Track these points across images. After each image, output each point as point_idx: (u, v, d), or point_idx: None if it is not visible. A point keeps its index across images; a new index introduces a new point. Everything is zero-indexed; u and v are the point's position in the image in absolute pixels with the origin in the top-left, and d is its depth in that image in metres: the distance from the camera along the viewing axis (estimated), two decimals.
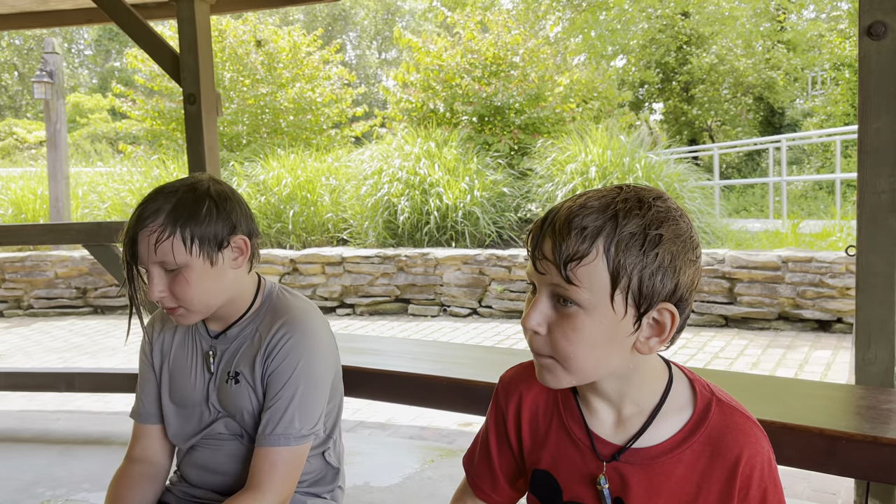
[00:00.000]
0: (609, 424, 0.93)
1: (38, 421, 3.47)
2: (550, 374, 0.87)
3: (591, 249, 0.80)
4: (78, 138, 17.54)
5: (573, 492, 0.95)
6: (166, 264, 1.25)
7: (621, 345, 0.85)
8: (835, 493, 2.43)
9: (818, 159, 13.84)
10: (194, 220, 1.25)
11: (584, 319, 0.82)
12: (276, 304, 1.36)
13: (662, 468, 0.89)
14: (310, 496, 1.42)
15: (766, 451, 0.89)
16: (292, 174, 8.24)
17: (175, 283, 1.26)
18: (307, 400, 1.29)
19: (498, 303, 6.25)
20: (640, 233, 0.81)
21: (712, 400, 0.91)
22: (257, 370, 1.31)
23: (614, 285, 0.81)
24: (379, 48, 30.80)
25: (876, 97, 2.01)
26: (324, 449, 1.42)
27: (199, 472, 1.39)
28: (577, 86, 10.14)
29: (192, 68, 2.97)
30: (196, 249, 1.25)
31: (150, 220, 1.24)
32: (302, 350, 1.29)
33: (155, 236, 1.23)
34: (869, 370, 2.04)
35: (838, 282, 5.17)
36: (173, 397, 1.39)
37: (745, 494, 0.87)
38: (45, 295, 7.22)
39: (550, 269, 0.82)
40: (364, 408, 3.74)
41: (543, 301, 0.85)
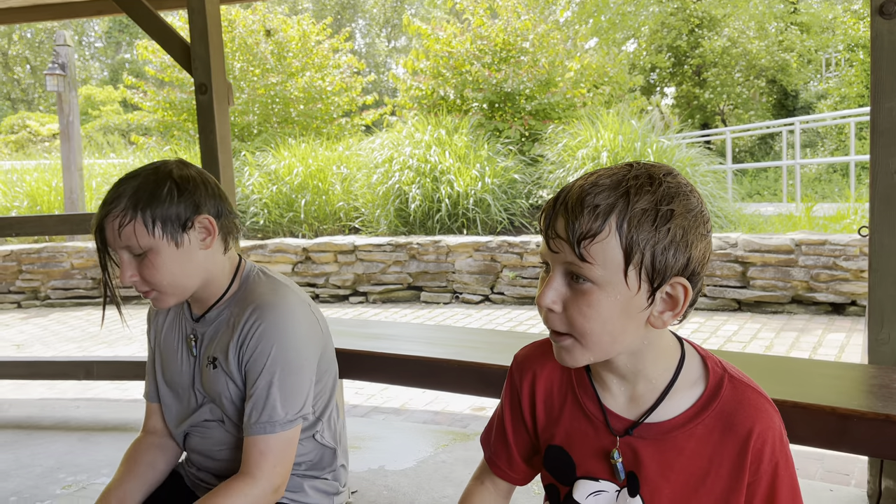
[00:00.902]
0: (622, 400, 0.95)
1: (58, 408, 3.53)
2: (568, 353, 0.89)
3: (604, 227, 0.81)
4: (90, 130, 17.65)
5: (586, 467, 0.97)
6: (132, 248, 1.26)
7: (636, 320, 0.86)
8: (848, 474, 2.44)
9: (832, 142, 13.70)
10: (155, 202, 1.25)
11: (598, 295, 0.84)
12: (249, 288, 1.35)
13: (674, 443, 0.91)
14: (307, 478, 1.43)
15: (777, 426, 0.90)
16: (303, 163, 8.27)
17: (144, 266, 1.26)
18: (287, 385, 1.28)
19: (510, 289, 6.26)
20: (652, 209, 0.82)
21: (724, 376, 0.92)
22: (231, 358, 1.31)
23: (627, 261, 0.82)
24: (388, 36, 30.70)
25: (888, 76, 2.00)
26: (314, 431, 1.41)
27: (198, 457, 1.43)
28: (588, 71, 10.08)
29: (202, 58, 2.99)
30: (159, 231, 1.25)
31: (113, 206, 1.25)
32: (274, 335, 1.28)
33: (118, 221, 1.24)
34: (882, 350, 2.05)
35: (852, 264, 5.13)
36: (166, 379, 1.43)
37: (757, 469, 0.88)
38: (61, 285, 7.30)
39: (564, 247, 0.84)
40: (378, 393, 3.78)
41: (558, 279, 0.86)
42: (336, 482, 1.47)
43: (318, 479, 1.44)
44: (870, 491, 2.15)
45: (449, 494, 2.38)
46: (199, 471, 1.45)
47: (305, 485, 1.42)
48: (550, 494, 1.03)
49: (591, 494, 0.96)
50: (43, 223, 3.87)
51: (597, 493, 0.96)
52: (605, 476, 0.95)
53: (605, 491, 0.95)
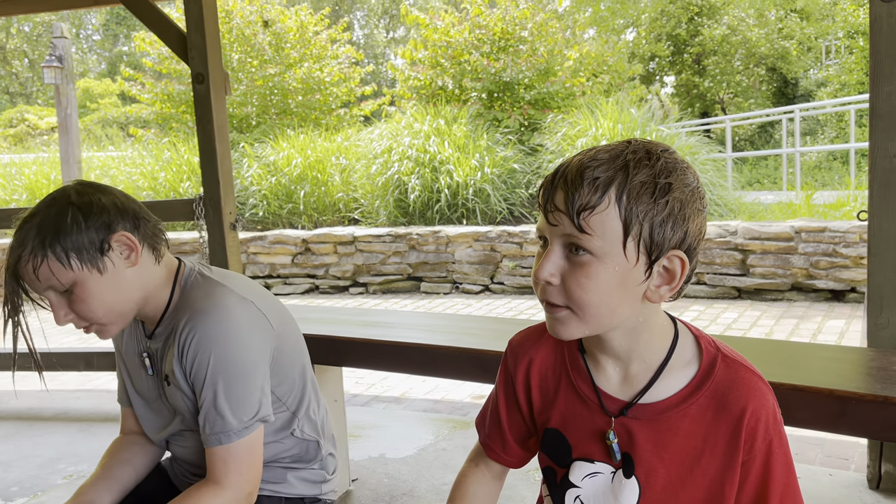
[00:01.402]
0: (616, 381, 0.95)
1: (58, 399, 3.54)
2: (563, 325, 0.88)
3: (604, 199, 0.82)
4: (89, 123, 17.61)
5: (582, 449, 0.97)
6: (56, 287, 1.19)
7: (633, 293, 0.86)
8: (847, 459, 2.44)
9: (832, 129, 13.67)
10: (62, 234, 1.17)
11: (597, 267, 0.83)
12: (186, 296, 1.28)
13: (668, 423, 0.91)
14: (291, 470, 1.40)
15: (771, 404, 0.90)
16: (302, 154, 8.25)
17: (73, 303, 1.20)
18: (234, 392, 1.21)
19: (510, 279, 6.26)
20: (651, 182, 0.82)
21: (718, 355, 0.92)
22: (177, 372, 1.25)
23: (626, 233, 0.82)
24: (387, 27, 30.58)
25: (887, 60, 1.99)
26: (291, 428, 1.36)
27: (182, 461, 1.41)
28: (587, 60, 10.04)
29: (199, 47, 2.97)
30: (76, 263, 1.17)
31: (21, 250, 1.17)
32: (210, 343, 1.20)
33: (30, 265, 1.17)
34: (881, 335, 2.05)
35: (852, 251, 5.13)
36: (136, 387, 1.39)
37: (751, 447, 0.88)
38: None
39: (563, 219, 0.84)
40: (379, 382, 3.78)
41: (556, 251, 0.85)
42: (323, 471, 1.44)
43: (303, 469, 1.41)
44: (869, 475, 2.15)
45: (449, 481, 2.38)
46: (187, 471, 1.42)
47: (289, 475, 1.39)
48: (547, 477, 1.03)
49: (586, 476, 0.96)
50: None
51: (592, 475, 0.96)
52: (600, 457, 0.95)
53: (601, 472, 0.95)
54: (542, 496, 1.06)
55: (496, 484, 1.12)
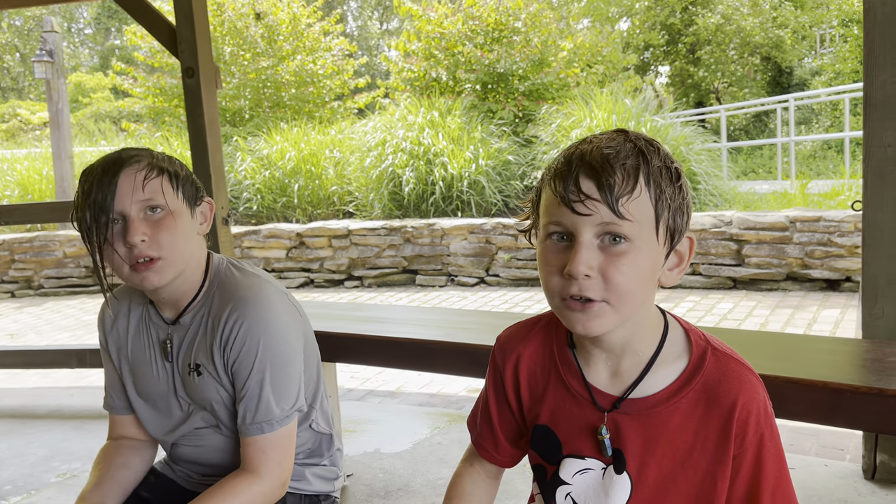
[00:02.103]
0: (606, 376, 0.94)
1: (51, 397, 3.52)
2: (600, 319, 0.85)
3: (637, 185, 0.82)
4: (81, 118, 17.51)
5: (573, 445, 0.96)
6: (153, 202, 1.19)
7: (655, 278, 0.87)
8: (843, 449, 2.44)
9: (827, 118, 13.67)
10: (175, 167, 1.24)
11: (636, 255, 0.83)
12: (223, 285, 1.28)
13: (659, 417, 0.90)
14: (308, 466, 1.41)
15: (761, 397, 0.89)
16: (296, 148, 8.21)
17: (159, 227, 1.19)
18: (279, 381, 1.23)
19: (505, 271, 6.25)
20: (664, 167, 0.84)
21: (707, 348, 0.91)
22: (217, 361, 1.24)
23: (657, 218, 0.84)
24: (380, 18, 30.44)
25: (881, 49, 1.98)
26: (309, 421, 1.38)
27: (189, 465, 1.38)
28: (581, 50, 10.00)
29: (189, 41, 2.95)
30: (181, 195, 1.23)
31: (135, 161, 1.19)
32: (259, 331, 1.22)
33: (142, 174, 1.18)
34: (876, 325, 2.04)
35: (847, 240, 5.13)
36: (139, 391, 1.35)
37: (742, 441, 0.88)
38: (54, 274, 7.27)
39: (598, 208, 0.82)
40: (373, 377, 3.77)
41: (588, 241, 0.83)
42: (335, 467, 1.46)
43: (317, 465, 1.42)
44: (864, 465, 2.15)
45: (444, 476, 2.38)
46: (196, 472, 1.40)
47: (307, 472, 1.40)
48: (538, 475, 1.02)
49: (577, 473, 0.96)
50: (32, 211, 3.84)
51: (583, 472, 0.95)
52: (591, 454, 0.95)
53: (592, 469, 0.95)
54: (534, 494, 1.06)
55: (492, 483, 1.11)
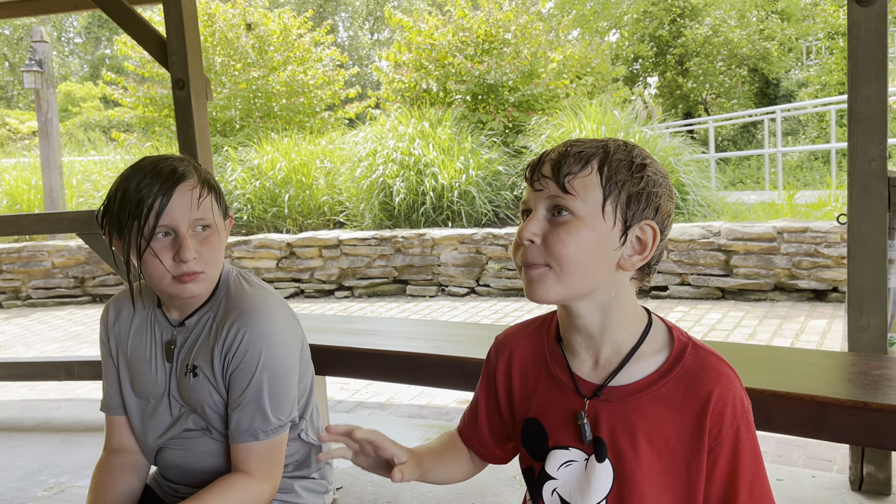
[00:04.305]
0: (589, 365, 0.98)
1: (39, 410, 3.49)
2: (541, 283, 0.91)
3: (587, 167, 0.91)
4: (71, 127, 17.44)
5: (557, 435, 0.99)
6: (204, 220, 1.22)
7: (608, 258, 0.91)
8: (830, 460, 2.46)
9: (813, 129, 13.79)
10: (215, 184, 1.27)
11: (577, 225, 0.90)
12: (231, 294, 1.30)
13: (638, 405, 0.93)
14: (297, 479, 1.41)
15: (738, 390, 0.92)
16: (287, 158, 8.21)
17: (205, 244, 1.22)
18: (276, 391, 1.26)
19: (496, 281, 6.26)
20: (628, 160, 0.92)
21: (689, 344, 0.96)
22: (216, 366, 1.26)
23: (605, 198, 0.90)
24: (371, 29, 30.53)
25: (865, 64, 2.01)
26: (299, 430, 1.39)
27: (176, 471, 1.36)
28: (571, 61, 10.07)
29: (179, 53, 2.95)
30: (222, 211, 1.26)
31: (189, 175, 1.20)
32: (261, 342, 1.24)
33: (198, 191, 1.20)
34: (862, 337, 2.06)
35: (833, 251, 5.18)
36: (136, 389, 1.34)
37: (718, 432, 0.90)
38: (42, 285, 7.22)
39: (548, 184, 0.91)
40: (363, 388, 3.77)
41: (540, 213, 0.92)
42: (324, 480, 1.46)
43: (306, 478, 1.42)
44: (852, 476, 2.17)
45: (434, 489, 2.37)
46: (178, 484, 1.38)
47: (296, 485, 1.40)
48: (527, 477, 1.04)
49: (562, 465, 0.98)
50: (21, 222, 3.81)
51: (567, 464, 0.98)
52: (573, 443, 0.97)
53: (575, 460, 0.97)
54: (526, 501, 1.07)
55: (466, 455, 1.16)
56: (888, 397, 1.36)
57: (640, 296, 5.81)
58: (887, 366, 1.57)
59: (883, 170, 2.03)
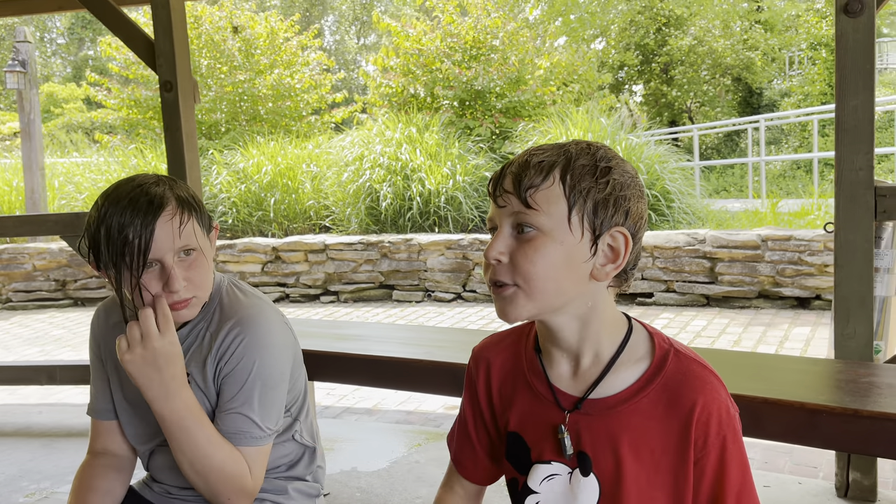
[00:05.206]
0: (567, 377, 0.95)
1: (19, 414, 3.44)
2: (511, 303, 0.89)
3: (549, 178, 0.87)
4: (53, 129, 17.27)
5: (539, 449, 0.97)
6: (188, 246, 1.20)
7: (579, 271, 0.88)
8: (816, 467, 2.47)
9: (796, 139, 13.96)
10: (195, 201, 1.24)
11: (543, 241, 0.87)
12: (225, 303, 1.30)
13: (619, 418, 0.91)
14: (290, 480, 1.41)
15: (723, 399, 0.89)
16: (272, 161, 8.17)
17: (192, 268, 1.21)
18: (266, 401, 1.25)
19: (482, 287, 6.25)
20: (592, 165, 0.88)
21: (670, 351, 0.93)
22: (208, 372, 1.26)
23: (570, 208, 0.87)
24: (358, 33, 30.53)
25: (853, 74, 2.03)
26: (293, 432, 1.39)
27: (170, 474, 1.35)
28: (558, 69, 10.13)
29: (167, 55, 2.93)
30: (204, 231, 1.24)
31: (167, 202, 1.18)
32: (256, 351, 1.24)
33: (178, 219, 1.18)
34: (848, 345, 2.08)
35: (816, 259, 5.23)
36: (126, 395, 1.34)
37: (704, 443, 0.87)
38: (23, 288, 7.12)
39: (511, 199, 0.88)
40: (350, 394, 3.74)
41: (505, 231, 0.89)
42: (317, 483, 1.45)
43: (299, 480, 1.42)
44: (838, 483, 2.18)
45: (423, 495, 2.36)
46: (171, 485, 1.37)
47: (289, 487, 1.39)
48: (511, 489, 1.03)
49: (544, 480, 0.96)
50: (2, 224, 3.76)
51: (550, 478, 0.96)
52: (556, 457, 0.95)
53: (558, 474, 0.95)
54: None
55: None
56: (878, 404, 1.37)
57: (627, 303, 5.84)
58: (875, 373, 1.59)
59: (870, 179, 2.06)
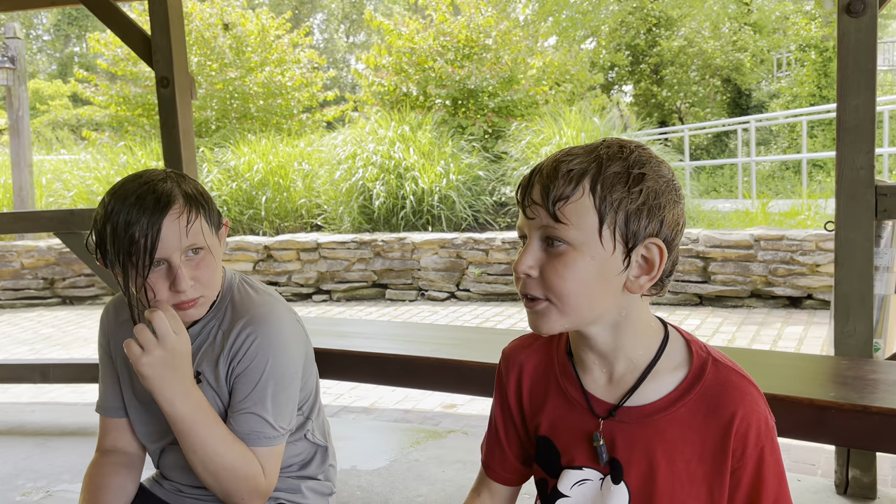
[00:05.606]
0: (603, 382, 0.94)
1: (12, 413, 3.40)
2: (543, 318, 0.88)
3: (578, 188, 0.84)
4: (39, 125, 17.10)
5: (570, 454, 0.96)
6: (195, 245, 1.18)
7: (612, 284, 0.86)
8: (814, 464, 2.49)
9: (784, 139, 14.05)
10: (203, 198, 1.21)
11: (574, 256, 0.84)
12: (237, 301, 1.28)
13: (656, 426, 0.89)
14: (303, 479, 1.40)
15: (762, 410, 0.88)
16: (264, 160, 8.14)
17: (199, 267, 1.19)
18: (279, 400, 1.24)
19: (476, 286, 6.26)
20: (624, 172, 0.84)
21: (708, 359, 0.91)
22: (221, 371, 1.25)
23: (601, 221, 0.84)
24: (347, 31, 30.45)
25: (854, 74, 2.04)
26: (305, 431, 1.39)
27: (181, 473, 1.34)
28: (550, 68, 10.14)
29: (164, 50, 2.90)
30: (213, 229, 1.22)
31: (174, 200, 1.15)
32: (269, 350, 1.23)
33: (185, 217, 1.16)
34: (848, 343, 2.09)
35: (808, 259, 5.27)
36: (137, 393, 1.32)
37: (742, 454, 0.87)
38: (11, 286, 7.05)
39: (539, 212, 0.85)
40: (347, 392, 3.73)
41: (535, 244, 0.87)
42: (329, 482, 1.45)
43: (312, 479, 1.41)
44: (837, 480, 2.20)
45: (423, 493, 2.36)
46: (182, 483, 1.36)
47: (302, 486, 1.39)
48: (540, 490, 1.02)
49: (575, 484, 0.95)
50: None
51: (581, 483, 0.95)
52: (588, 463, 0.94)
53: (590, 479, 0.94)
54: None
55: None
56: (886, 401, 1.38)
57: None
58: (880, 370, 1.60)
59: (870, 178, 2.07)
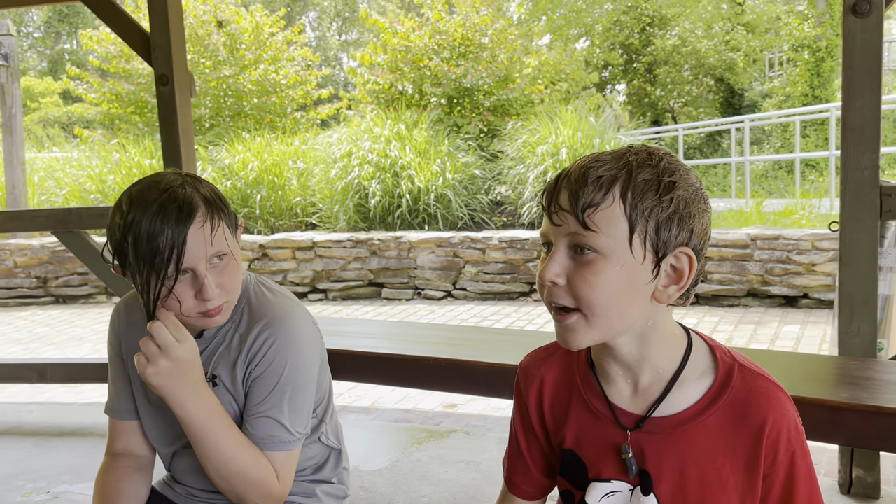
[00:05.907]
0: (628, 394, 0.92)
1: (9, 413, 3.37)
2: (573, 332, 0.86)
3: (608, 196, 0.82)
4: (29, 123, 16.98)
5: (597, 467, 0.94)
6: (220, 252, 1.16)
7: (641, 293, 0.85)
8: (818, 464, 2.49)
9: (777, 139, 14.11)
10: (223, 203, 1.19)
11: (603, 265, 0.82)
12: (254, 303, 1.27)
13: (686, 436, 0.89)
14: (317, 483, 1.39)
15: (791, 414, 0.88)
16: (258, 158, 8.10)
17: (223, 274, 1.17)
18: (296, 404, 1.23)
19: (472, 285, 6.25)
20: (654, 180, 0.83)
21: (734, 365, 0.90)
22: (238, 374, 1.23)
23: (632, 230, 0.82)
24: (339, 29, 30.37)
25: (860, 74, 2.04)
26: (319, 434, 1.38)
27: (194, 477, 1.32)
28: (546, 67, 10.14)
29: (163, 47, 2.87)
30: (232, 234, 1.21)
31: (196, 207, 1.13)
32: (287, 353, 1.22)
33: (209, 225, 1.13)
34: (852, 342, 2.09)
35: (804, 258, 5.29)
36: (149, 396, 1.30)
37: (773, 460, 0.86)
38: (4, 285, 6.99)
39: (567, 218, 0.83)
40: (346, 392, 3.72)
41: (561, 251, 0.85)
42: (343, 485, 1.44)
43: (326, 483, 1.40)
44: (840, 480, 2.20)
45: (426, 493, 2.35)
46: (194, 488, 1.35)
47: (317, 490, 1.38)
48: (566, 502, 1.01)
49: (604, 496, 0.94)
50: None
51: (610, 494, 0.94)
52: (616, 475, 0.93)
53: (619, 491, 0.93)
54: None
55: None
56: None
57: None
58: (890, 371, 1.60)
59: (875, 178, 2.07)
